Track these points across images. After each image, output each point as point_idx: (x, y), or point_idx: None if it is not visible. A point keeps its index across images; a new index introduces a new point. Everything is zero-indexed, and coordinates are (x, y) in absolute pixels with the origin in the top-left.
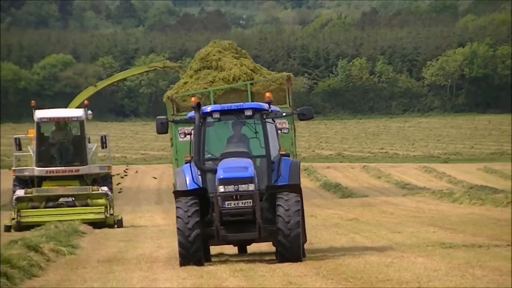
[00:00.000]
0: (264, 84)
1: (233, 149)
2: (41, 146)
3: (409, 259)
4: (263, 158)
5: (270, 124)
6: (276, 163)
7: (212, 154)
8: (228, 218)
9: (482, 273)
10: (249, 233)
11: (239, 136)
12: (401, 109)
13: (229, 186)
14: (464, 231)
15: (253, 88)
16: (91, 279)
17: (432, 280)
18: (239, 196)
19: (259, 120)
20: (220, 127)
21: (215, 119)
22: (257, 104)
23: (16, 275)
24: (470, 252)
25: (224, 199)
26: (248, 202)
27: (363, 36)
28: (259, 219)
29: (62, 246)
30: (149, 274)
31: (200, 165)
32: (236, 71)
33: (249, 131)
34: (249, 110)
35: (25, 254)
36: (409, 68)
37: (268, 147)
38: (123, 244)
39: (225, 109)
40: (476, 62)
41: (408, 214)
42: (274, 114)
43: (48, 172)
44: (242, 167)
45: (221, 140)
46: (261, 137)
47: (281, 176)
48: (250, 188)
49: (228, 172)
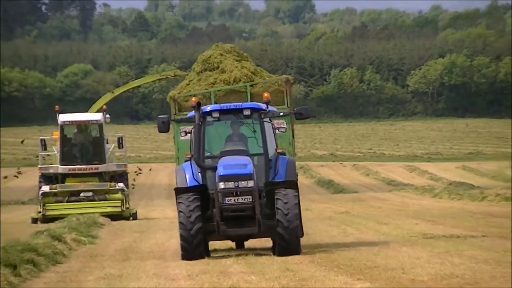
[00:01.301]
0: (263, 86)
1: (232, 147)
2: (64, 146)
3: (394, 248)
4: (261, 156)
5: (267, 124)
6: (273, 161)
7: (211, 153)
8: (228, 214)
9: (460, 261)
10: (249, 228)
11: (238, 135)
12: (387, 114)
13: (229, 182)
14: (443, 223)
15: (253, 90)
16: (108, 266)
17: (414, 267)
18: (239, 192)
19: (257, 119)
20: (219, 126)
21: (214, 118)
22: (255, 104)
23: (42, 262)
24: (449, 242)
25: (224, 195)
26: (247, 198)
27: (354, 48)
28: (259, 215)
29: (83, 236)
30: (161, 261)
31: (200, 162)
32: (237, 73)
33: (247, 130)
34: (247, 110)
35: (50, 243)
36: (395, 77)
37: (265, 146)
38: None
39: (224, 108)
40: (454, 71)
41: (393, 208)
42: (272, 114)
43: (70, 170)
44: (241, 165)
45: (220, 139)
46: (259, 136)
47: (278, 174)
48: (249, 184)
49: (228, 169)
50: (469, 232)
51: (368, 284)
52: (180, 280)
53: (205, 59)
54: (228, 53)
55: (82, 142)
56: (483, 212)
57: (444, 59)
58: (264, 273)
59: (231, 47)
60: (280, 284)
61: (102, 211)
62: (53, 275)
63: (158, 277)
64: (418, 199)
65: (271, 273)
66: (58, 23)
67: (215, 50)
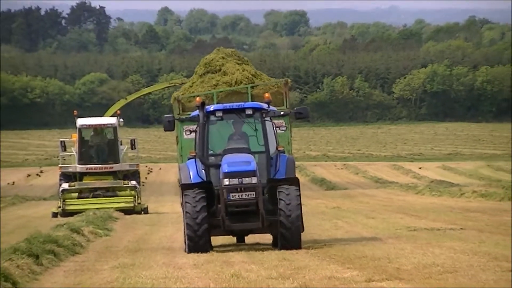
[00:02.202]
0: (263, 87)
1: (235, 146)
2: (82, 147)
3: (381, 239)
4: (262, 154)
5: (268, 123)
6: (274, 158)
7: (214, 151)
8: (232, 209)
9: (440, 251)
10: (253, 223)
11: (240, 134)
12: (375, 118)
13: (233, 179)
14: (425, 217)
15: (254, 91)
16: (122, 256)
17: (399, 257)
18: (243, 188)
19: (259, 118)
20: (221, 126)
21: (217, 118)
22: (257, 104)
23: (62, 252)
24: (430, 234)
25: (229, 191)
26: (251, 194)
27: (344, 59)
28: (262, 210)
29: (99, 229)
30: (169, 251)
31: (204, 160)
32: (238, 75)
33: (249, 129)
34: (249, 109)
35: (69, 235)
36: (382, 84)
37: (267, 144)
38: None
39: (227, 108)
40: (436, 80)
41: (380, 203)
42: (273, 113)
43: (88, 169)
44: (245, 162)
45: (222, 138)
46: (261, 134)
47: (279, 171)
48: (253, 181)
49: (233, 166)
50: (449, 225)
51: (357, 272)
52: (187, 268)
53: (207, 62)
54: (229, 56)
55: (98, 144)
56: (461, 208)
57: (426, 68)
58: (263, 263)
59: (232, 51)
60: (278, 272)
61: (116, 206)
62: (71, 264)
63: (167, 266)
64: (403, 196)
65: (269, 262)
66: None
67: (217, 54)
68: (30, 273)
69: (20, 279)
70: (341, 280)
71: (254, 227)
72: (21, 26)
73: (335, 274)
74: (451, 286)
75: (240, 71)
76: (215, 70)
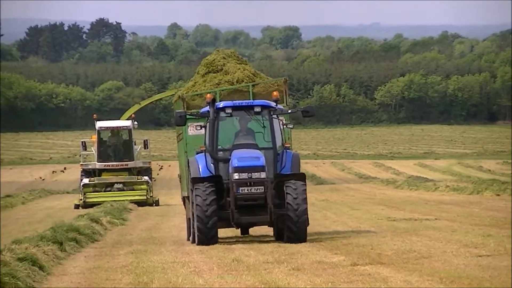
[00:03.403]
0: (264, 86)
1: (243, 141)
2: (100, 147)
3: (365, 228)
4: (268, 150)
5: (275, 120)
6: (280, 154)
7: (222, 146)
8: (242, 203)
9: (417, 239)
10: (261, 216)
11: (246, 130)
12: (359, 121)
13: (243, 173)
14: (404, 209)
15: (255, 90)
16: (136, 243)
17: (380, 244)
18: (252, 183)
19: (267, 116)
20: (227, 122)
21: (227, 114)
22: (265, 102)
23: (83, 240)
24: (408, 224)
25: (238, 185)
26: (260, 189)
27: (332, 69)
28: (271, 204)
29: (116, 219)
30: (178, 239)
31: (214, 154)
32: (239, 74)
33: (254, 126)
34: (258, 107)
35: (89, 224)
36: (365, 91)
37: (274, 140)
38: (159, 218)
39: (237, 105)
40: (412, 87)
41: (364, 196)
42: (280, 111)
43: (105, 166)
44: (254, 157)
45: (229, 134)
46: (268, 131)
47: (285, 167)
48: (262, 176)
49: (242, 161)
50: (424, 216)
51: (344, 257)
52: (193, 254)
53: (209, 62)
54: (229, 57)
55: (115, 144)
56: (435, 200)
57: (404, 77)
58: (260, 249)
59: (231, 52)
60: (273, 257)
61: (131, 199)
62: (91, 250)
63: (176, 252)
64: (383, 190)
65: (265, 249)
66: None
67: (218, 54)
68: (55, 258)
69: (46, 264)
70: (329, 264)
71: (262, 220)
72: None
73: (324, 259)
74: (426, 270)
75: (241, 70)
76: (217, 69)
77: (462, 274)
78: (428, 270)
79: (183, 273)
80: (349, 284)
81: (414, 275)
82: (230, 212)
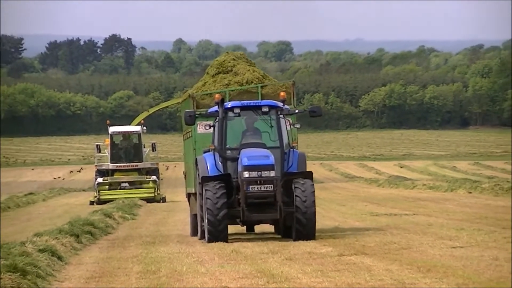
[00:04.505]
0: (272, 87)
1: (251, 140)
2: (113, 149)
3: (350, 223)
4: (275, 149)
5: (282, 120)
6: (286, 153)
7: (230, 145)
8: (252, 201)
9: (397, 232)
10: (270, 214)
11: (253, 130)
12: (345, 126)
13: (253, 172)
14: (385, 205)
15: (263, 91)
16: (145, 235)
17: (364, 236)
18: (262, 181)
19: (274, 116)
20: (234, 122)
21: (235, 114)
22: (272, 102)
23: (97, 233)
24: (389, 218)
25: (248, 183)
26: (269, 187)
27: (321, 79)
28: (280, 202)
29: (127, 214)
30: (182, 232)
31: (223, 153)
32: (249, 76)
33: (261, 125)
34: (265, 107)
35: (103, 219)
36: (350, 100)
37: (281, 140)
38: (166, 213)
39: (245, 105)
40: (393, 96)
41: (349, 194)
42: (287, 111)
43: (117, 167)
44: (264, 156)
45: (236, 133)
46: (275, 131)
47: (292, 165)
48: (271, 174)
49: (252, 160)
50: (404, 211)
51: (331, 248)
52: (197, 245)
53: (219, 63)
54: (239, 58)
55: (126, 147)
56: (414, 197)
57: (385, 87)
58: (256, 241)
59: (241, 54)
60: (268, 248)
61: (140, 196)
62: (105, 242)
63: (181, 244)
64: (367, 188)
65: (261, 240)
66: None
67: (228, 56)
68: (72, 249)
69: (64, 254)
70: (318, 254)
71: (272, 218)
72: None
73: (313, 250)
74: (405, 259)
75: (251, 71)
76: (226, 70)
77: (438, 263)
78: (407, 260)
79: (187, 262)
80: (336, 272)
81: (395, 264)
82: (241, 210)
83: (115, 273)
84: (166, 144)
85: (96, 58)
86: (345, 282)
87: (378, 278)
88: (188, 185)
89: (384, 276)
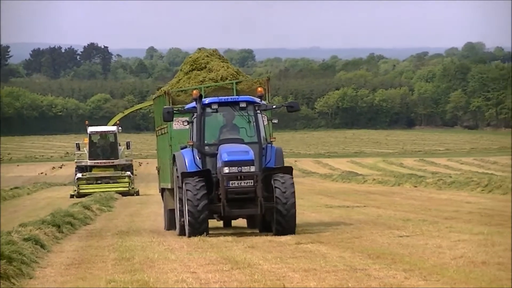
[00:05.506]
0: (247, 83)
1: (229, 136)
2: (91, 147)
3: (307, 214)
4: (253, 144)
5: (259, 115)
6: (265, 149)
7: (208, 141)
8: (232, 196)
9: (350, 222)
10: (251, 209)
11: (231, 125)
12: (302, 126)
13: (233, 167)
14: (338, 197)
15: (238, 87)
16: (120, 226)
17: (319, 226)
18: (242, 176)
19: (252, 111)
20: (212, 118)
21: (213, 110)
22: (250, 98)
23: (77, 223)
24: (342, 210)
25: (228, 179)
26: (250, 182)
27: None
28: (260, 197)
29: (104, 206)
30: (155, 223)
31: (202, 149)
32: (223, 72)
33: (239, 121)
34: (243, 103)
35: (82, 211)
36: (307, 102)
37: (259, 135)
38: (140, 205)
39: (223, 101)
40: (346, 99)
41: (305, 188)
42: (265, 107)
43: (95, 163)
44: (244, 151)
45: (213, 129)
46: (253, 126)
47: (270, 161)
48: (251, 169)
49: (232, 156)
50: (355, 203)
51: (290, 237)
52: (168, 235)
53: (193, 60)
54: (212, 55)
55: (103, 145)
56: (364, 191)
57: (339, 91)
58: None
59: (213, 51)
60: (232, 237)
61: (116, 190)
62: (84, 232)
63: (153, 233)
64: (322, 182)
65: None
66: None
67: (201, 53)
68: (54, 238)
69: (46, 243)
70: (278, 242)
71: (252, 213)
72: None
73: (273, 239)
74: (357, 247)
75: (225, 68)
76: (201, 67)
77: (386, 251)
78: (358, 248)
79: (158, 250)
80: (294, 259)
81: (347, 251)
82: (221, 205)
83: (93, 260)
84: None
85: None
86: (302, 267)
87: (332, 264)
88: (162, 180)
89: (337, 262)
